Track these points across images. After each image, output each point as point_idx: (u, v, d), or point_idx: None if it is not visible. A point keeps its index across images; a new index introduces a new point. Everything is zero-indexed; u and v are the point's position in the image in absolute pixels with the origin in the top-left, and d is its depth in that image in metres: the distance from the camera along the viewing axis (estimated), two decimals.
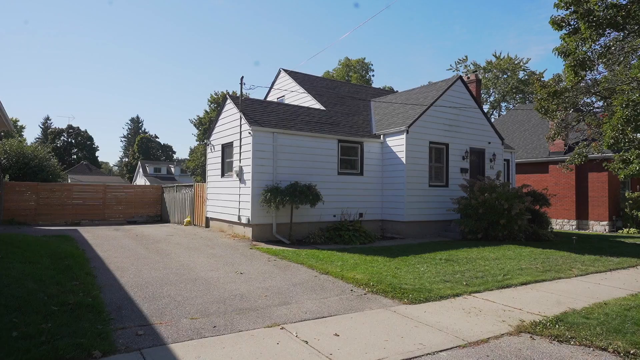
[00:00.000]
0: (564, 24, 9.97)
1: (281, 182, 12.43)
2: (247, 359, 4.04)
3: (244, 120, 12.76)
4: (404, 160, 14.14)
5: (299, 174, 12.96)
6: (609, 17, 8.72)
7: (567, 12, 9.88)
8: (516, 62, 45.33)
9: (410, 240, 13.29)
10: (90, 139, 76.03)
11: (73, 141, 74.32)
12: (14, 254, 7.36)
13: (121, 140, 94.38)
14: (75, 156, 73.17)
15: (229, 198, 13.78)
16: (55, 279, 6.21)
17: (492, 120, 47.43)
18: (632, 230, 20.49)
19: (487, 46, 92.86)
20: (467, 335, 4.90)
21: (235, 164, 13.29)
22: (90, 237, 12.39)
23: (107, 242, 11.56)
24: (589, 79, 11.19)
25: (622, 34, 9.58)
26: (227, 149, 14.45)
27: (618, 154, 10.65)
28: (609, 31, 9.33)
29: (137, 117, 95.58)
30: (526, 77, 43.56)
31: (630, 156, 10.10)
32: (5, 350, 3.79)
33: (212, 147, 15.55)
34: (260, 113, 13.51)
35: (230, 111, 14.07)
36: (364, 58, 55.81)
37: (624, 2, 9.15)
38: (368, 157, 14.81)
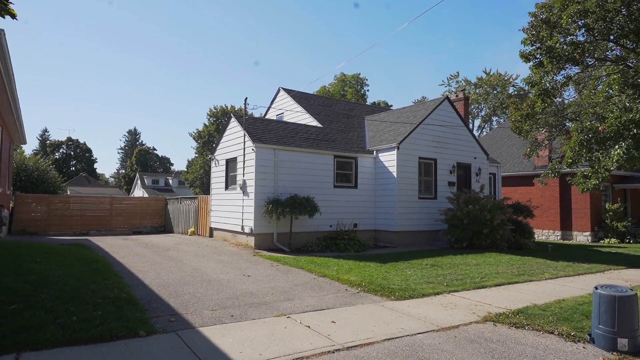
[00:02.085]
0: (531, 57, 11.26)
1: (281, 195, 13.48)
2: (262, 337, 5.06)
3: (247, 138, 13.85)
4: (395, 174, 15.25)
5: (298, 187, 14.01)
6: (567, 53, 9.98)
7: (533, 47, 11.18)
8: (506, 78, 47.00)
9: (401, 249, 14.32)
10: (89, 150, 77.00)
11: (72, 153, 75.17)
12: (48, 259, 8.33)
13: (118, 152, 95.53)
14: (73, 168, 73.97)
15: (233, 209, 14.80)
16: (91, 279, 7.20)
17: (484, 134, 48.93)
18: (613, 240, 21.62)
19: (481, 59, 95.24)
20: (441, 322, 5.94)
21: (239, 178, 14.34)
22: (104, 246, 13.33)
23: (121, 250, 12.52)
24: (559, 103, 12.40)
25: (580, 67, 10.86)
26: (231, 163, 15.51)
27: (581, 170, 11.86)
28: (569, 65, 10.60)
29: (135, 129, 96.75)
30: (515, 92, 45.13)
31: (588, 173, 11.29)
32: (71, 329, 4.79)
33: (217, 162, 16.61)
34: (262, 131, 14.61)
35: (234, 129, 15.16)
36: (359, 73, 57.43)
37: (582, 39, 10.44)
38: (362, 171, 15.91)
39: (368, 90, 58.40)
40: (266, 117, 21.12)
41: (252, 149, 13.56)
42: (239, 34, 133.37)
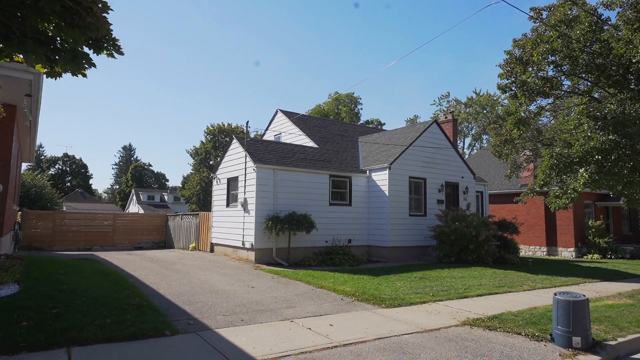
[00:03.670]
0: (507, 89, 12.49)
1: (280, 212, 14.36)
2: (270, 337, 5.90)
3: (248, 158, 14.79)
4: (387, 192, 16.23)
5: (295, 204, 14.91)
6: (538, 87, 11.17)
7: (509, 81, 12.41)
8: (495, 98, 48.67)
9: (393, 263, 15.19)
10: (85, 166, 77.51)
11: (67, 169, 75.63)
12: (70, 272, 9.12)
13: (112, 168, 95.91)
14: (69, 184, 74.31)
15: (234, 225, 15.63)
16: (112, 289, 8.00)
17: (474, 152, 50.35)
18: (595, 256, 22.63)
19: (472, 78, 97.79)
20: (425, 326, 6.81)
21: (240, 196, 15.22)
22: (113, 260, 14.07)
23: (129, 264, 13.27)
24: (535, 128, 13.58)
25: (552, 98, 12.07)
26: (232, 182, 16.41)
27: (553, 191, 12.97)
28: (540, 98, 11.81)
29: (130, 145, 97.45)
30: (503, 113, 46.74)
31: (559, 193, 12.39)
32: (108, 329, 5.61)
33: (218, 181, 17.50)
34: (262, 151, 15.57)
35: (236, 149, 16.11)
36: (353, 92, 58.99)
37: (552, 74, 11.68)
38: (356, 190, 16.88)
39: (361, 109, 59.95)
40: (264, 137, 22.13)
41: (253, 169, 14.49)
42: (236, 50, 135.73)
